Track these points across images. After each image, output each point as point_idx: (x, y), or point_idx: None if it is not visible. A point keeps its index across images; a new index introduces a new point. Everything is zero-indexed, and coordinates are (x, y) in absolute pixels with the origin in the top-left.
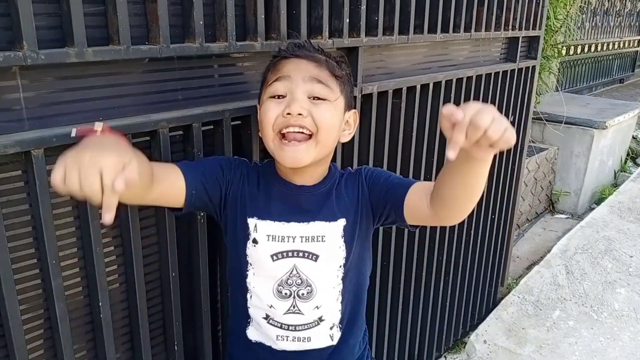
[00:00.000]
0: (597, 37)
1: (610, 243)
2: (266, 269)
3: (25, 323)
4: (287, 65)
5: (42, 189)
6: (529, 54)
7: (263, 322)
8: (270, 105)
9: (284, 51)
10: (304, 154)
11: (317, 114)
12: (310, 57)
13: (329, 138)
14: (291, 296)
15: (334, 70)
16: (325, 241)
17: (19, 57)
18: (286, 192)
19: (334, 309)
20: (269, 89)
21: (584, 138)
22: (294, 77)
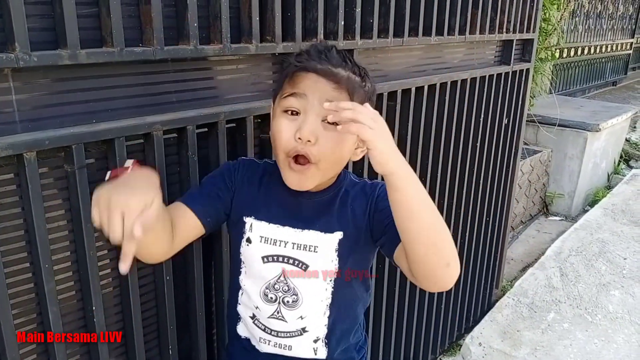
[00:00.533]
0: (590, 40)
1: (604, 245)
2: (256, 269)
3: (18, 327)
4: (305, 81)
5: (35, 192)
6: (523, 56)
7: (249, 321)
8: (283, 122)
9: (305, 60)
10: (308, 179)
11: (323, 142)
12: (331, 75)
13: (332, 167)
14: (277, 301)
15: (354, 93)
16: (318, 252)
17: (10, 59)
18: (286, 196)
19: (318, 323)
20: (284, 102)
21: (577, 140)
22: (309, 98)
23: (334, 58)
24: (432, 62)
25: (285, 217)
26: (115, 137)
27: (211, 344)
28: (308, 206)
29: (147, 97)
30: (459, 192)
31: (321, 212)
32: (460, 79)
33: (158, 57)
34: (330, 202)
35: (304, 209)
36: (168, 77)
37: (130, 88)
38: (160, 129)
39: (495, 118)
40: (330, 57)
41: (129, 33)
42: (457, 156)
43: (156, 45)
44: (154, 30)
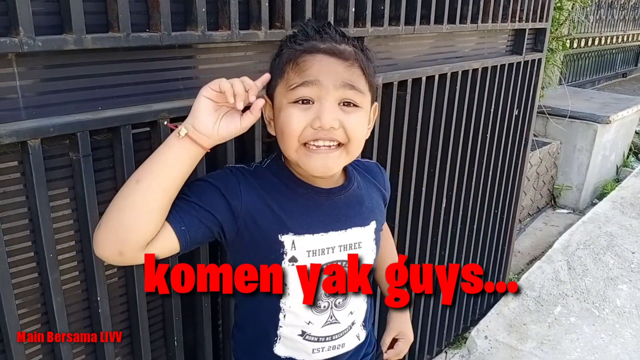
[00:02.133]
0: (601, 31)
1: (612, 239)
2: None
3: (22, 318)
4: (314, 66)
5: (39, 180)
6: (535, 46)
7: (298, 338)
8: (294, 112)
9: (305, 41)
10: (335, 162)
11: (349, 125)
12: (340, 53)
13: (359, 147)
14: (329, 307)
15: (365, 66)
16: (362, 247)
17: (15, 44)
18: (317, 199)
19: (361, 310)
20: (293, 93)
21: (587, 132)
22: (324, 83)
23: (335, 34)
24: (443, 51)
25: (325, 222)
26: (121, 124)
27: (217, 336)
28: (342, 203)
29: (154, 84)
30: (467, 183)
31: (355, 206)
32: (472, 69)
33: (165, 43)
34: (358, 194)
35: (339, 207)
36: (175, 64)
37: (137, 74)
38: (167, 117)
39: (505, 109)
40: (331, 34)
41: (135, 18)
42: (467, 147)
43: (163, 30)
44: (161, 15)
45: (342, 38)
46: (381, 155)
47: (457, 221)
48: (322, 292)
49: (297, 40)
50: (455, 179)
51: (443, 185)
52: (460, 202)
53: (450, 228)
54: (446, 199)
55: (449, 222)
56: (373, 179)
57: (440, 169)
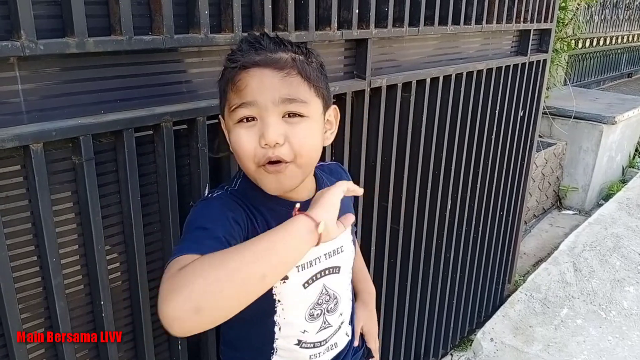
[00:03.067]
0: (606, 31)
1: (619, 240)
2: (298, 299)
3: (25, 322)
4: (250, 84)
5: (42, 184)
6: (540, 47)
7: (295, 347)
8: (241, 134)
9: (240, 57)
10: (289, 181)
11: (294, 138)
12: (275, 63)
13: (311, 159)
14: (321, 314)
15: (306, 73)
16: (344, 250)
17: (16, 47)
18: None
19: (349, 307)
20: (235, 114)
21: (592, 133)
22: (261, 102)
23: (269, 44)
24: (447, 52)
25: None
26: (124, 128)
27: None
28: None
29: (157, 87)
30: (472, 185)
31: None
32: (476, 70)
33: (168, 46)
34: None
35: None
36: (178, 67)
37: (139, 78)
38: (169, 120)
39: (510, 110)
40: (265, 44)
41: (137, 21)
42: (472, 148)
43: (166, 33)
44: (164, 18)
45: (277, 47)
46: (385, 157)
47: (462, 223)
48: (314, 301)
49: (234, 57)
50: (460, 181)
51: (448, 187)
52: (465, 203)
53: (455, 230)
54: (451, 200)
55: (454, 223)
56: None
57: (444, 170)
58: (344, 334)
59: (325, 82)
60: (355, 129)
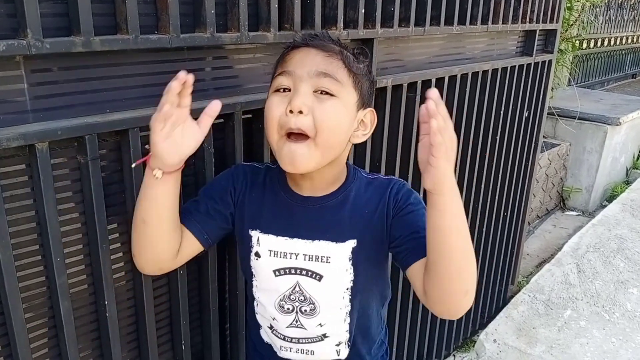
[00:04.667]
0: (610, 31)
1: (622, 242)
2: (269, 282)
3: (29, 322)
4: (294, 57)
5: (47, 183)
6: (545, 47)
7: (268, 331)
8: (273, 100)
9: (298, 39)
10: (303, 158)
11: (319, 112)
12: (322, 46)
13: (331, 140)
14: (294, 311)
15: (349, 62)
16: (330, 262)
17: (22, 46)
18: (291, 204)
19: (340, 329)
20: (274, 82)
21: (597, 134)
22: (298, 72)
23: (325, 37)
24: (453, 52)
25: (293, 228)
26: (130, 127)
27: (224, 340)
28: (316, 213)
29: (162, 86)
30: (477, 185)
31: (331, 219)
32: (482, 70)
33: (174, 45)
34: (340, 208)
35: (312, 216)
36: (184, 66)
37: (145, 77)
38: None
39: (515, 110)
40: (323, 36)
41: (144, 20)
42: (476, 149)
43: (172, 32)
44: (170, 17)
45: (333, 41)
46: (390, 157)
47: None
48: (285, 294)
49: (292, 42)
50: (465, 181)
51: None
52: (470, 204)
53: None
54: None
55: None
56: (380, 197)
57: None
58: (330, 350)
59: (369, 84)
60: None
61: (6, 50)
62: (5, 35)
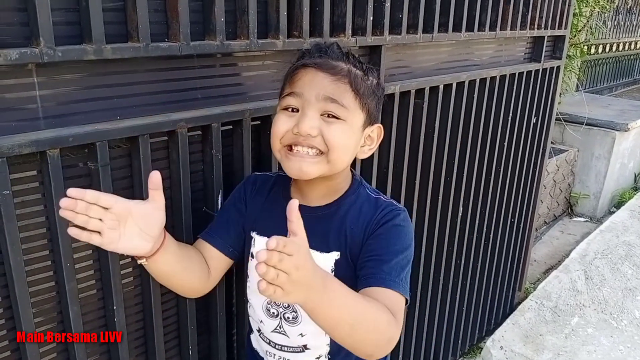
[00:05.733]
0: (619, 37)
1: (631, 248)
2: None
3: (38, 326)
4: (303, 78)
5: (57, 189)
6: (553, 53)
7: (257, 334)
8: (280, 117)
9: (306, 56)
10: (311, 167)
11: (328, 134)
12: (330, 68)
13: (341, 158)
14: (278, 316)
15: (356, 84)
16: None
17: (35, 54)
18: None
19: (320, 341)
20: (283, 101)
21: (605, 140)
22: (307, 95)
23: (334, 52)
24: (461, 58)
25: (282, 232)
26: (140, 134)
27: (231, 345)
28: (306, 222)
29: (172, 93)
30: (484, 191)
31: (318, 229)
32: (489, 77)
33: (184, 52)
34: (330, 219)
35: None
36: (193, 73)
37: (155, 84)
38: (184, 127)
39: (523, 117)
40: (331, 52)
41: (154, 28)
42: (484, 155)
43: (182, 40)
44: (181, 25)
45: (341, 57)
46: (398, 163)
47: (474, 229)
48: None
49: (302, 56)
50: (472, 187)
51: (459, 193)
52: (477, 210)
53: (467, 236)
54: (462, 207)
55: (465, 230)
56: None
57: (457, 177)
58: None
59: (376, 101)
60: None
61: (19, 58)
62: (18, 44)
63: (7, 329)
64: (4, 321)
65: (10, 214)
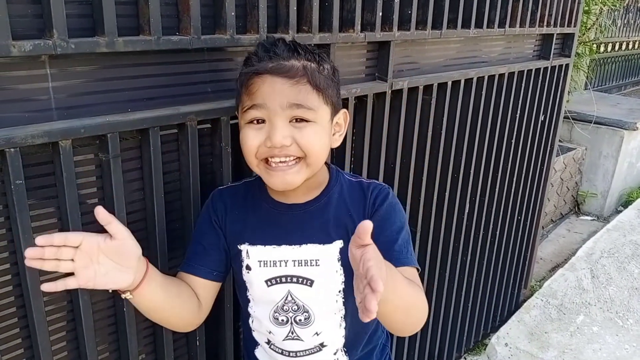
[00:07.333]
0: (628, 35)
1: (638, 248)
2: (261, 295)
3: (49, 314)
4: (260, 88)
5: (69, 180)
6: (562, 51)
7: (266, 346)
8: (249, 133)
9: (254, 60)
10: (294, 177)
11: (302, 140)
12: (286, 72)
13: (319, 158)
14: (288, 322)
15: (315, 81)
16: (320, 265)
17: (48, 46)
18: (275, 213)
19: (336, 335)
20: (246, 115)
21: (613, 139)
22: (270, 106)
23: (283, 51)
24: (469, 55)
25: (279, 235)
26: (150, 126)
27: (238, 337)
28: (299, 219)
29: (182, 86)
30: (491, 188)
31: (315, 222)
32: (498, 74)
33: (194, 46)
34: (323, 210)
35: (297, 222)
36: (204, 67)
37: (166, 77)
38: (194, 120)
39: (531, 114)
40: (279, 51)
41: (166, 21)
42: (491, 152)
43: (193, 34)
44: (192, 18)
45: (291, 54)
46: (405, 159)
47: (480, 227)
48: (278, 305)
49: (250, 62)
50: (479, 185)
51: (466, 190)
52: (484, 207)
53: (473, 233)
54: (469, 204)
55: (472, 227)
56: (361, 198)
57: (464, 174)
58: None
59: (336, 88)
60: (376, 131)
61: (33, 50)
62: (32, 35)
63: (19, 317)
64: (15, 309)
65: (22, 204)
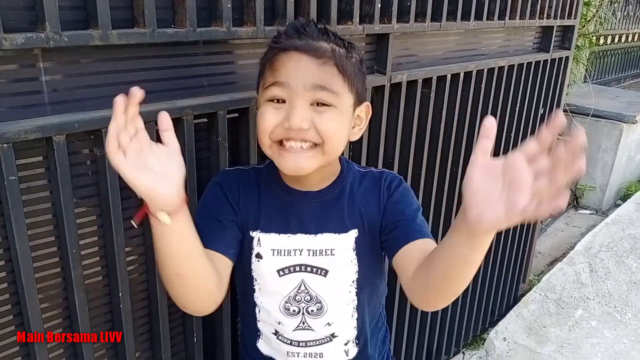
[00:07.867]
0: (628, 28)
1: (636, 242)
2: (272, 285)
3: (44, 312)
4: (286, 65)
5: (64, 176)
6: (562, 44)
7: (272, 337)
8: (267, 110)
9: (283, 38)
10: (307, 162)
11: (321, 125)
12: (314, 51)
13: (336, 147)
14: (300, 313)
15: (343, 65)
16: (335, 255)
17: (41, 39)
18: (290, 200)
19: (348, 326)
20: (267, 92)
21: (612, 132)
22: (293, 86)
23: (314, 32)
24: (469, 48)
25: (295, 224)
26: (145, 121)
27: (235, 332)
28: (315, 208)
29: (178, 80)
30: None
31: (330, 211)
32: (497, 66)
33: (190, 39)
34: (338, 199)
35: (313, 211)
36: (199, 60)
37: (161, 70)
38: (190, 114)
39: (531, 107)
40: (310, 31)
41: (160, 13)
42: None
43: (188, 26)
44: (187, 10)
45: (321, 35)
46: (404, 153)
47: None
48: (290, 295)
49: (278, 39)
50: None
51: None
52: None
53: None
54: None
55: None
56: (374, 188)
57: (462, 167)
58: (339, 350)
59: (362, 79)
60: (374, 124)
61: (25, 43)
62: (24, 28)
63: (14, 314)
64: (10, 306)
65: (16, 200)
